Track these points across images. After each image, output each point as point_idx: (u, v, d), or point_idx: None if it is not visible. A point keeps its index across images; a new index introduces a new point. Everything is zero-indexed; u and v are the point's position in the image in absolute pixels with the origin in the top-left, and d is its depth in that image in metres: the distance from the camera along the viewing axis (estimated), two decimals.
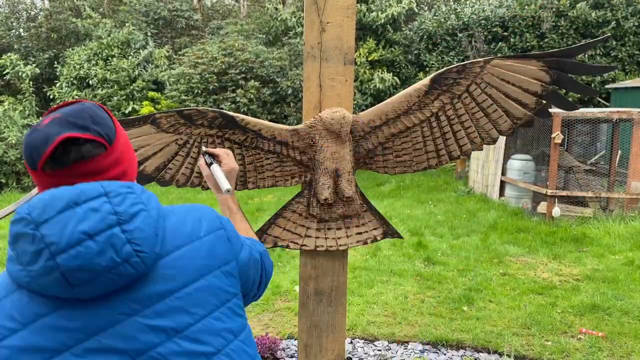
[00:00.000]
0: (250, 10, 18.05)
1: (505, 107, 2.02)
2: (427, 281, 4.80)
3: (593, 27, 11.91)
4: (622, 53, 11.82)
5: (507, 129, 2.05)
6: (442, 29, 12.96)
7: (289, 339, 3.64)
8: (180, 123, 1.99)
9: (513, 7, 12.42)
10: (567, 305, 4.23)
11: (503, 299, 4.35)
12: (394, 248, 5.81)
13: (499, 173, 8.26)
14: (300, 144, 2.01)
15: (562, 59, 1.95)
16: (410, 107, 2.01)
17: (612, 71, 10.89)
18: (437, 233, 6.51)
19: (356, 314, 4.02)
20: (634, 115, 6.89)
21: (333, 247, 2.09)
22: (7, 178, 9.43)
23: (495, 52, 12.31)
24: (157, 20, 14.81)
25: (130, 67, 12.32)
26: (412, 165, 2.11)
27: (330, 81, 2.00)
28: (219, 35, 14.39)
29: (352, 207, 2.08)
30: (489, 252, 5.68)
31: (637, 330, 3.74)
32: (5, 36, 14.47)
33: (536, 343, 3.57)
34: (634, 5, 11.75)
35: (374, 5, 13.06)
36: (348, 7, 1.98)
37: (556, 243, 5.97)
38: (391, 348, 3.51)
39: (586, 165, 7.79)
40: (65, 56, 12.94)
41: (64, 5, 15.23)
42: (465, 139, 2.06)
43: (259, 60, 11.71)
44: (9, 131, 9.26)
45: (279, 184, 2.09)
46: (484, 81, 1.98)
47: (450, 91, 2.00)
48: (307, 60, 1.99)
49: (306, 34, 1.98)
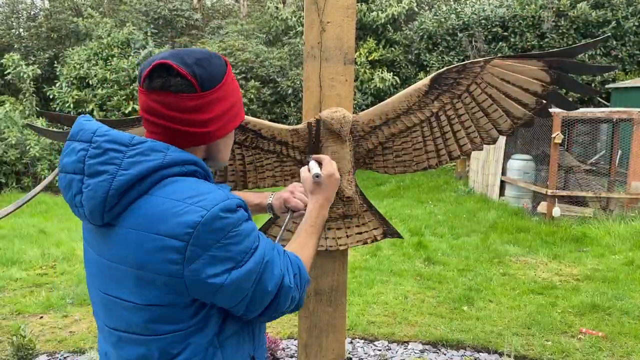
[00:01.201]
0: (250, 9, 18.06)
1: (506, 107, 2.01)
2: (427, 281, 4.80)
3: (593, 27, 11.91)
4: (622, 53, 11.81)
5: (507, 129, 2.05)
6: (442, 28, 12.96)
7: (289, 339, 3.64)
8: None
9: (513, 7, 12.42)
10: (567, 305, 4.23)
11: (503, 299, 4.34)
12: (394, 248, 5.81)
13: (499, 173, 8.26)
14: (300, 143, 2.01)
15: (562, 59, 1.95)
16: (410, 107, 2.01)
17: (612, 71, 10.89)
18: (437, 233, 6.51)
19: (356, 314, 4.02)
20: (634, 115, 6.89)
21: (333, 247, 2.09)
22: (7, 178, 9.43)
23: (496, 52, 12.31)
24: (157, 20, 14.81)
25: (130, 67, 12.31)
26: (412, 165, 2.10)
27: (330, 81, 2.00)
28: (219, 35, 14.39)
29: (352, 207, 2.07)
30: (489, 252, 5.68)
31: (637, 330, 3.74)
32: (5, 36, 14.46)
33: (536, 343, 3.57)
34: (634, 5, 11.75)
35: (374, 5, 13.06)
36: (348, 6, 1.98)
37: (556, 243, 5.96)
38: (391, 348, 3.51)
39: (586, 165, 7.79)
40: (65, 56, 12.93)
41: (64, 5, 15.23)
42: (466, 138, 2.05)
43: (259, 60, 11.71)
44: (9, 131, 9.25)
45: (279, 184, 2.09)
46: (484, 81, 1.98)
47: (450, 91, 1.99)
48: (307, 60, 1.99)
49: (306, 33, 1.98)
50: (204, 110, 1.08)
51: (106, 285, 1.09)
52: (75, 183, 1.02)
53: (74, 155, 1.02)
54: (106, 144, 1.01)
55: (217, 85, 1.09)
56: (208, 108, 1.08)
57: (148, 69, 1.05)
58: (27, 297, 4.37)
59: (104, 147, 1.00)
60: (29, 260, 5.30)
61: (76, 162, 1.02)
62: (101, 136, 1.02)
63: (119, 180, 0.99)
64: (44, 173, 9.21)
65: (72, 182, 1.03)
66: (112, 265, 1.06)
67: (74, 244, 5.94)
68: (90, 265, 1.15)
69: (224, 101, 1.12)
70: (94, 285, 1.14)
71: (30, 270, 5.08)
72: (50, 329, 3.79)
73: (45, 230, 6.58)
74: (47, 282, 4.75)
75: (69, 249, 5.73)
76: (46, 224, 7.02)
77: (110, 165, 0.99)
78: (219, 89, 1.10)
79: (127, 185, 1.00)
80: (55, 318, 3.98)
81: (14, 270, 5.00)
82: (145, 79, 1.06)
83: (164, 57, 1.05)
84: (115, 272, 1.06)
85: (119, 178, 0.99)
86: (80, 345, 3.53)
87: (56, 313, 4.06)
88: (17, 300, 4.31)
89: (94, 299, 1.17)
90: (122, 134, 1.03)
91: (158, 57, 1.06)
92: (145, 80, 1.06)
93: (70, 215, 7.61)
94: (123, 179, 0.99)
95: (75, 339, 3.63)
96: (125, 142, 1.02)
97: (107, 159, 1.00)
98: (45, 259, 5.38)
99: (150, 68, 1.05)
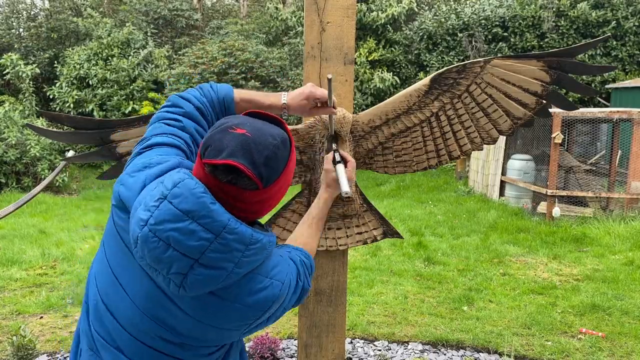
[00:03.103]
0: (250, 10, 18.05)
1: (506, 107, 2.01)
2: (427, 281, 4.80)
3: (593, 27, 11.91)
4: (622, 53, 11.81)
5: (507, 129, 2.05)
6: (442, 28, 12.96)
7: (289, 338, 3.64)
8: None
9: (513, 7, 12.42)
10: (567, 305, 4.23)
11: (503, 299, 4.34)
12: (394, 248, 5.81)
13: (499, 173, 8.26)
14: (300, 143, 2.01)
15: (562, 59, 1.95)
16: (410, 107, 2.01)
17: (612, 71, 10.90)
18: (437, 233, 6.51)
19: (356, 314, 4.02)
20: (634, 115, 6.89)
21: (333, 247, 2.09)
22: (7, 178, 9.43)
23: (496, 52, 12.31)
24: (157, 20, 14.80)
25: (130, 67, 12.31)
26: (412, 165, 2.10)
27: None
28: (219, 35, 14.38)
29: (352, 207, 2.07)
30: (489, 252, 5.68)
31: (637, 330, 3.74)
32: (5, 36, 14.45)
33: (536, 343, 3.57)
34: (634, 5, 11.74)
35: (374, 5, 13.06)
36: (348, 7, 1.97)
37: (556, 243, 5.96)
38: (391, 348, 3.51)
39: (586, 165, 7.79)
40: (65, 56, 12.92)
41: (64, 5, 15.22)
42: (466, 138, 2.05)
43: (259, 60, 11.70)
44: (9, 131, 9.25)
45: None
46: (484, 81, 1.98)
47: (450, 91, 1.99)
48: (307, 60, 1.99)
49: (306, 33, 1.98)
50: (268, 202, 1.10)
51: (151, 308, 1.09)
52: (181, 263, 0.98)
53: (193, 239, 0.97)
54: (234, 244, 1.01)
55: (280, 176, 1.09)
56: (272, 199, 1.11)
57: (214, 161, 1.01)
58: (27, 297, 4.37)
59: (232, 247, 1.00)
60: (29, 260, 5.30)
61: (193, 248, 0.98)
62: (231, 234, 1.00)
63: (231, 277, 1.03)
64: (44, 173, 9.21)
65: (174, 258, 0.98)
66: (171, 306, 1.08)
67: (74, 244, 5.94)
68: (125, 274, 1.12)
69: (285, 185, 1.14)
70: (116, 289, 1.12)
71: (30, 270, 5.08)
72: (50, 329, 3.79)
73: (45, 230, 6.58)
74: (47, 282, 4.75)
75: (69, 249, 5.73)
76: (46, 224, 7.02)
77: (230, 262, 1.01)
78: (282, 177, 1.10)
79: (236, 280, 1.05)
80: (55, 318, 3.98)
81: (14, 270, 5.00)
82: (211, 163, 1.02)
83: (234, 157, 1.01)
84: (175, 312, 1.08)
85: (231, 275, 1.02)
86: None
87: (56, 313, 4.06)
88: (17, 300, 4.31)
89: (107, 297, 1.15)
90: (246, 231, 1.02)
91: (227, 151, 1.01)
92: (211, 165, 1.02)
93: (70, 215, 7.62)
94: (234, 276, 1.03)
95: None
96: (247, 241, 1.02)
97: (229, 257, 1.00)
98: (45, 259, 5.37)
99: (218, 162, 1.01)
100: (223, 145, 1.02)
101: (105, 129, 2.00)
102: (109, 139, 2.01)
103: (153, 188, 1.03)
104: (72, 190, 10.07)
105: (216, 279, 1.00)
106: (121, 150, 2.04)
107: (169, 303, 1.07)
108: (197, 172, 1.05)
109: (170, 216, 0.97)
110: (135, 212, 1.02)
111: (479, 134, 2.05)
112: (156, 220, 0.97)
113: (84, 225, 6.99)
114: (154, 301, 1.08)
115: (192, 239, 0.97)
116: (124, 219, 1.10)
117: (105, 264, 1.14)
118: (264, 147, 1.04)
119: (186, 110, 1.30)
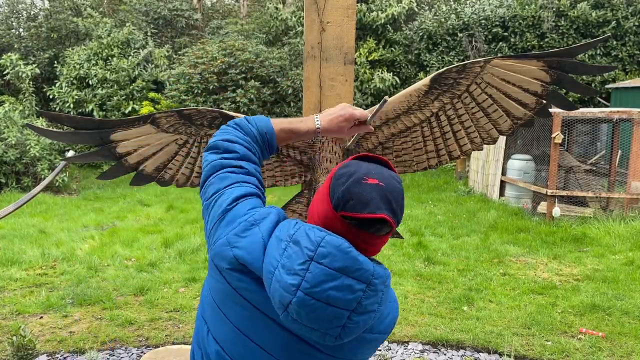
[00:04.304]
0: (250, 9, 18.05)
1: (506, 107, 2.01)
2: (427, 281, 4.80)
3: (593, 27, 11.91)
4: (622, 53, 11.81)
5: (507, 129, 2.05)
6: (442, 28, 12.95)
7: None
8: (180, 123, 1.98)
9: (513, 7, 12.42)
10: (567, 305, 4.23)
11: (503, 299, 4.34)
12: (394, 248, 5.81)
13: (499, 173, 8.26)
14: (300, 143, 2.00)
15: (562, 59, 1.95)
16: (410, 106, 2.01)
17: (612, 71, 10.89)
18: (437, 233, 6.51)
19: None
20: (634, 115, 6.89)
21: None
22: (7, 178, 9.42)
23: (496, 52, 12.31)
24: (157, 20, 14.80)
25: (130, 67, 12.31)
26: (412, 165, 2.10)
27: (330, 81, 2.00)
28: (219, 35, 14.38)
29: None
30: (489, 252, 5.68)
31: (637, 330, 3.74)
32: (5, 36, 14.45)
33: (536, 343, 3.57)
34: (634, 5, 11.74)
35: (374, 5, 13.06)
36: (348, 6, 1.97)
37: (556, 243, 5.96)
38: (391, 348, 3.51)
39: (586, 165, 7.79)
40: (65, 56, 12.92)
41: (64, 5, 15.22)
42: (466, 138, 2.05)
43: (259, 60, 11.70)
44: (9, 131, 9.25)
45: (279, 183, 2.09)
46: (484, 81, 1.98)
47: (450, 91, 1.99)
48: (307, 60, 1.99)
49: (306, 33, 1.98)
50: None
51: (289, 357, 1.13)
52: (340, 317, 1.02)
53: (350, 293, 1.01)
54: (381, 286, 1.05)
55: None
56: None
57: (368, 215, 1.05)
58: (27, 297, 4.37)
59: (379, 289, 1.05)
60: (29, 260, 5.30)
61: (351, 301, 1.02)
62: (377, 278, 1.04)
63: (376, 314, 1.07)
64: (44, 173, 9.21)
65: (333, 314, 1.02)
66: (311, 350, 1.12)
67: (73, 244, 5.94)
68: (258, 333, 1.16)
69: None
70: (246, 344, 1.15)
71: (30, 270, 5.08)
72: (50, 329, 3.79)
73: (45, 230, 6.58)
74: (47, 282, 4.75)
75: (68, 249, 5.73)
76: (46, 224, 7.02)
77: (376, 304, 1.06)
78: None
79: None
80: (55, 318, 3.98)
81: (14, 270, 5.00)
82: (359, 217, 1.05)
83: (380, 209, 1.05)
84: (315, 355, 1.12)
85: (377, 314, 1.07)
86: (80, 345, 3.53)
87: (56, 313, 4.06)
88: (17, 300, 4.31)
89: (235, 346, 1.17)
90: (382, 270, 1.07)
91: (373, 204, 1.05)
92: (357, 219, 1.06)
93: (70, 215, 7.62)
94: (379, 314, 1.08)
95: (75, 339, 3.63)
96: (385, 280, 1.07)
97: (376, 299, 1.05)
98: (45, 259, 5.37)
99: (375, 218, 1.05)
100: (365, 198, 1.05)
101: (105, 129, 1.99)
102: (109, 139, 2.01)
103: (283, 248, 1.06)
104: (72, 190, 10.06)
105: (368, 322, 1.06)
106: (121, 150, 2.03)
107: (308, 348, 1.12)
108: (327, 223, 1.09)
109: (325, 276, 1.01)
110: (275, 277, 1.04)
111: (479, 134, 2.05)
112: (311, 283, 1.01)
113: (84, 225, 6.99)
114: (294, 351, 1.12)
115: (349, 293, 1.01)
116: (245, 280, 1.12)
117: (227, 322, 1.17)
118: (397, 194, 1.09)
119: (241, 154, 1.29)
